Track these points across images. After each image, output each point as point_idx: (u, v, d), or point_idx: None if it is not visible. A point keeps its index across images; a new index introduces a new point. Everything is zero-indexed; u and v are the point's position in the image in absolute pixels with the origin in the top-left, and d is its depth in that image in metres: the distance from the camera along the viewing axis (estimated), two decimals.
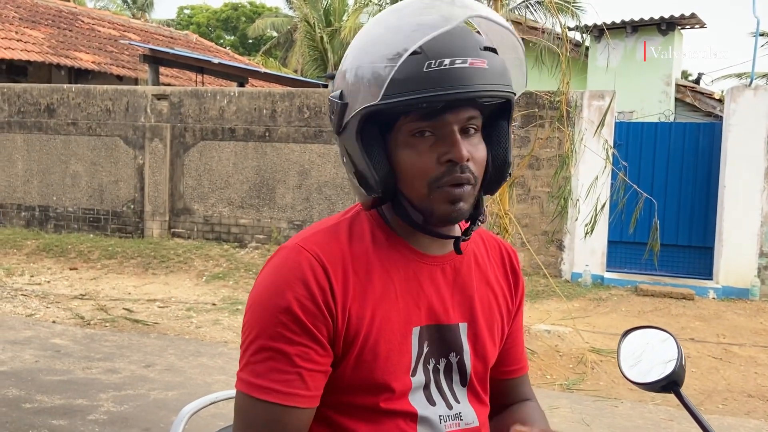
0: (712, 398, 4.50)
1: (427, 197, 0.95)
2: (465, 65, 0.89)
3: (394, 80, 0.88)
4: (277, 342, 0.93)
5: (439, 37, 0.88)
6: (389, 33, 0.92)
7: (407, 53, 0.87)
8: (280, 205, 8.70)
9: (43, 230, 9.45)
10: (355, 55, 0.95)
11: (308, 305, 0.93)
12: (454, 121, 0.93)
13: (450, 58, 0.88)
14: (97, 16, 16.02)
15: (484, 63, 0.90)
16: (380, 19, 0.96)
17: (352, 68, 0.95)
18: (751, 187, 7.28)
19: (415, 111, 0.92)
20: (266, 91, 8.88)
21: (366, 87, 0.91)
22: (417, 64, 0.88)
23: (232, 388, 1.06)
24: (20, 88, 9.65)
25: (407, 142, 0.94)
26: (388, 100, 0.89)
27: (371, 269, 0.98)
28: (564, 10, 10.55)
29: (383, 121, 0.94)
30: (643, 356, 1.20)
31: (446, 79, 0.88)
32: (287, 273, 0.95)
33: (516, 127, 7.61)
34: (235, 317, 6.20)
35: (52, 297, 6.75)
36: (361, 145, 0.94)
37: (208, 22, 32.65)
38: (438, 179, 0.94)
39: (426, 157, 0.94)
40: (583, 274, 7.61)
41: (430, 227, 0.99)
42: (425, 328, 1.02)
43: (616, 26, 9.64)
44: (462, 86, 0.89)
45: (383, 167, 0.95)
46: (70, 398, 4.02)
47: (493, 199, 5.18)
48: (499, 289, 1.11)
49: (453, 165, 0.93)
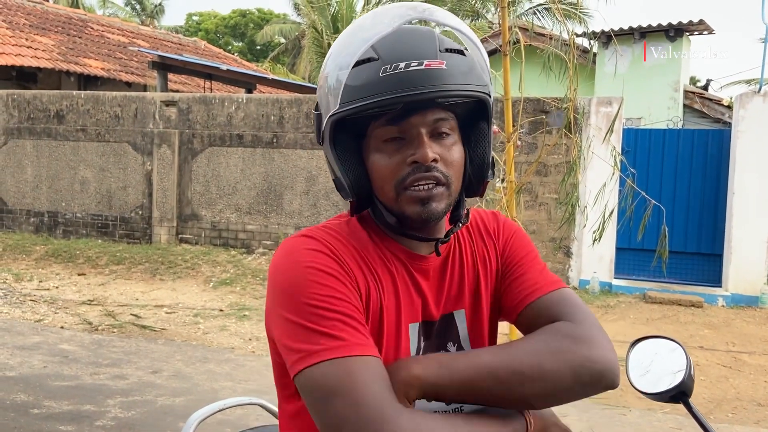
0: (721, 407, 4.46)
1: (396, 200, 0.97)
2: (420, 67, 0.90)
3: (352, 87, 0.91)
4: (316, 300, 0.90)
5: (396, 42, 0.92)
6: (348, 41, 0.95)
7: (355, 58, 0.91)
8: (287, 211, 8.72)
9: (51, 236, 9.50)
10: (325, 66, 0.98)
11: (330, 263, 0.94)
12: (420, 124, 0.94)
13: (405, 61, 0.90)
14: (107, 23, 16.14)
15: (442, 64, 0.91)
16: (347, 29, 1.00)
17: (322, 79, 0.98)
18: (761, 194, 7.23)
19: (382, 116, 0.94)
20: (274, 98, 8.91)
21: (330, 96, 0.95)
22: (374, 70, 0.91)
23: (239, 395, 1.04)
24: (30, 95, 9.73)
25: (378, 147, 0.97)
26: (346, 107, 0.92)
27: (371, 265, 0.99)
28: (571, 16, 10.54)
29: (357, 128, 0.97)
30: (651, 366, 1.19)
31: (401, 82, 0.90)
32: (297, 250, 0.96)
33: (523, 134, 7.60)
34: (242, 323, 6.21)
35: (60, 302, 6.78)
36: (334, 152, 0.97)
37: (216, 29, 32.84)
38: (403, 180, 0.95)
39: (393, 159, 0.96)
40: (591, 281, 7.58)
41: (405, 230, 1.01)
42: (421, 324, 1.03)
43: (623, 33, 9.63)
44: (417, 88, 0.90)
45: (355, 173, 0.97)
46: (78, 404, 4.03)
47: (501, 206, 5.17)
48: (486, 267, 1.10)
49: (418, 165, 0.95)
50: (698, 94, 9.91)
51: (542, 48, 5.26)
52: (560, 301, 1.02)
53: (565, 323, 0.98)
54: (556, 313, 1.00)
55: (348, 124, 0.96)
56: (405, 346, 1.00)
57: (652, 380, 1.17)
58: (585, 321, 0.99)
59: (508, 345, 0.96)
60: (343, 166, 0.98)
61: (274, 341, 0.97)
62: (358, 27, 0.97)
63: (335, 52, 0.97)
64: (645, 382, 1.18)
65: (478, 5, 19.33)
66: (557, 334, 0.96)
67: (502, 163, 5.49)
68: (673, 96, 9.60)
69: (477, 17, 20.00)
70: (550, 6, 10.45)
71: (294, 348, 0.90)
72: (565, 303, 1.02)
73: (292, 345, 0.90)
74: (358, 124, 0.97)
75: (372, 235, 1.03)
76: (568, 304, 1.02)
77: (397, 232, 1.02)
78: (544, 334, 0.97)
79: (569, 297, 1.04)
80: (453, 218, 1.04)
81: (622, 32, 9.61)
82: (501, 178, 6.04)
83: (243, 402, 1.59)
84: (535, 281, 1.06)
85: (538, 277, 1.07)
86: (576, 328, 0.97)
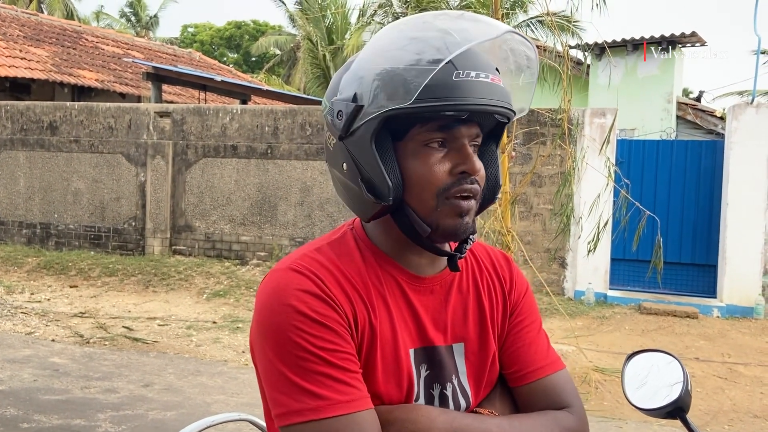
0: (717, 419, 4.43)
1: (435, 209, 0.94)
2: (487, 80, 0.91)
3: (427, 85, 0.89)
4: (302, 351, 0.89)
5: (466, 51, 0.90)
6: (418, 40, 0.91)
7: (448, 59, 0.88)
8: (282, 222, 8.69)
9: (44, 247, 9.44)
10: (375, 60, 0.93)
11: (318, 306, 0.91)
12: (466, 135, 0.95)
13: (476, 71, 0.90)
14: (101, 35, 16.15)
15: (500, 81, 0.93)
16: (403, 27, 0.96)
17: (372, 72, 0.92)
18: (754, 204, 7.25)
19: (432, 121, 0.92)
20: (268, 109, 8.91)
21: (392, 90, 0.90)
22: (446, 73, 0.89)
23: (232, 409, 1.03)
24: (23, 106, 9.70)
25: (418, 152, 0.94)
26: (419, 104, 0.89)
27: (365, 287, 0.97)
28: (565, 28, 10.59)
29: (394, 128, 0.94)
30: (648, 381, 1.17)
31: (473, 90, 0.90)
32: (284, 288, 0.92)
33: (518, 145, 7.61)
34: (236, 335, 6.16)
35: (51, 315, 6.72)
36: (375, 149, 0.93)
37: (211, 41, 32.93)
38: (447, 189, 0.93)
39: (437, 167, 0.94)
40: (586, 291, 7.57)
41: (430, 242, 0.98)
42: (420, 350, 1.00)
43: (617, 44, 9.68)
44: (487, 99, 0.91)
45: (397, 174, 0.94)
46: (68, 418, 3.97)
47: (495, 216, 5.16)
48: (492, 302, 1.08)
49: (465, 176, 0.94)
50: (691, 105, 9.95)
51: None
52: (563, 387, 1.07)
53: (567, 415, 1.04)
54: (557, 400, 1.06)
55: (388, 123, 0.92)
56: (407, 371, 0.97)
57: (649, 395, 1.15)
58: (581, 414, 1.06)
59: (515, 420, 1.00)
60: (387, 165, 0.93)
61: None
62: (417, 26, 0.94)
63: (394, 46, 0.92)
64: (641, 396, 1.16)
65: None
66: (560, 424, 1.02)
67: None
68: (666, 107, 9.63)
69: None
70: (544, 18, 10.50)
71: (277, 400, 0.89)
72: (565, 390, 1.08)
73: (275, 395, 0.90)
74: (399, 125, 0.94)
75: (366, 255, 1.00)
76: (568, 393, 1.08)
77: (421, 243, 0.98)
78: (548, 421, 1.02)
79: (568, 382, 1.09)
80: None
81: (616, 44, 9.66)
82: None
83: (232, 418, 1.55)
84: (545, 357, 1.09)
85: (545, 353, 1.10)
86: (574, 422, 1.04)
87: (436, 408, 0.97)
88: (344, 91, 0.95)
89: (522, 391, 1.06)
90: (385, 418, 0.92)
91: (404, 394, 0.97)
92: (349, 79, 0.96)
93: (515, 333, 1.09)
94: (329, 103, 0.98)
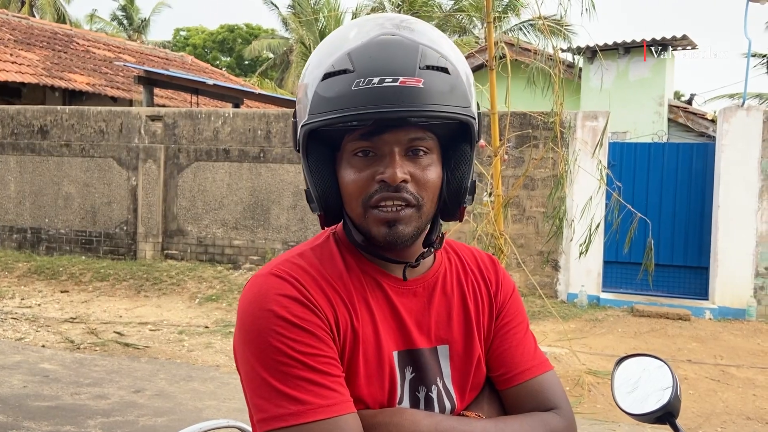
0: (710, 421, 4.44)
1: (363, 217, 0.94)
2: (395, 84, 0.86)
3: (324, 98, 0.89)
4: (283, 356, 0.88)
5: (374, 55, 0.88)
6: (327, 51, 0.93)
7: (325, 70, 0.89)
8: (274, 226, 8.66)
9: (35, 252, 9.37)
10: (303, 74, 0.97)
11: (299, 310, 0.90)
12: (393, 142, 0.91)
13: (380, 76, 0.86)
14: (93, 38, 16.09)
15: (419, 82, 0.87)
16: (328, 38, 0.97)
17: (299, 87, 0.97)
18: (746, 207, 7.28)
19: (356, 130, 0.91)
20: (261, 112, 8.89)
21: (303, 105, 0.93)
22: (346, 83, 0.87)
23: (224, 415, 1.01)
24: (14, 110, 9.64)
25: (349, 161, 0.94)
26: (315, 118, 0.90)
27: (347, 291, 0.96)
28: (556, 32, 10.63)
29: (332, 140, 0.95)
30: (637, 385, 1.16)
31: (373, 97, 0.86)
32: (265, 294, 0.92)
33: (510, 148, 7.62)
34: (228, 340, 6.13)
35: (42, 320, 6.67)
36: (306, 162, 0.95)
37: (204, 44, 32.87)
38: (370, 198, 0.92)
39: (362, 175, 0.93)
40: (578, 294, 7.58)
41: (376, 250, 0.98)
42: (404, 352, 0.99)
43: (608, 48, 9.72)
44: (387, 105, 0.86)
45: (325, 185, 0.95)
46: (58, 425, 3.94)
47: (488, 220, 5.16)
48: (478, 304, 1.07)
49: (386, 185, 0.91)
50: (682, 108, 10.00)
51: (528, 63, 5.28)
52: (550, 388, 1.06)
53: (554, 416, 1.03)
54: (544, 401, 1.05)
55: (323, 135, 0.93)
56: (390, 374, 0.97)
57: (638, 400, 1.14)
58: (568, 415, 1.05)
59: (501, 422, 0.98)
60: (314, 177, 0.95)
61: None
62: (339, 36, 0.94)
63: (314, 60, 0.95)
64: (630, 401, 1.15)
65: (465, 21, 19.48)
66: (547, 426, 1.01)
67: (490, 177, 5.48)
68: (657, 110, 9.67)
69: (464, 33, 20.16)
70: (535, 22, 10.53)
71: (258, 405, 0.89)
72: (553, 391, 1.06)
73: (256, 400, 0.89)
74: (333, 136, 0.94)
75: (348, 259, 1.00)
76: (556, 394, 1.06)
77: (367, 252, 0.99)
78: (536, 423, 1.01)
79: (556, 384, 1.08)
80: (426, 242, 1.00)
81: (607, 47, 9.70)
82: (488, 192, 6.04)
83: (220, 425, 1.54)
84: (532, 358, 1.08)
85: (533, 354, 1.08)
86: (561, 423, 1.03)
87: (421, 411, 0.96)
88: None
89: (509, 394, 1.05)
90: (368, 423, 0.91)
91: (386, 397, 0.96)
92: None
93: (502, 335, 1.08)
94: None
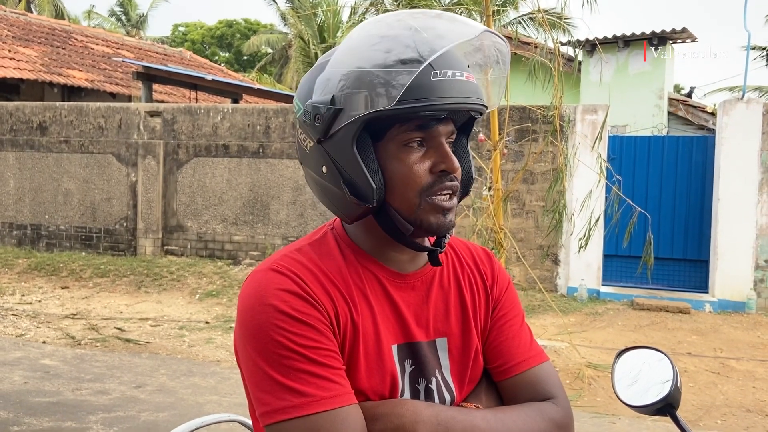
0: (710, 413, 4.45)
1: (417, 207, 0.95)
2: (462, 78, 0.92)
3: (406, 87, 0.89)
4: (284, 349, 0.89)
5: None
6: (391, 39, 0.91)
7: (429, 60, 0.88)
8: (274, 221, 8.66)
9: (35, 249, 9.38)
10: (350, 61, 0.92)
11: (299, 304, 0.91)
12: (444, 133, 0.96)
13: (452, 70, 0.91)
14: (91, 34, 16.05)
15: (473, 78, 0.94)
16: (377, 26, 0.94)
17: (348, 73, 0.91)
18: (746, 199, 7.28)
19: (410, 120, 0.93)
20: (260, 107, 8.87)
21: (371, 92, 0.89)
22: (424, 74, 0.89)
23: (225, 410, 1.02)
24: (12, 106, 9.63)
25: (398, 152, 0.95)
26: (401, 105, 0.89)
27: (346, 285, 0.97)
28: (556, 25, 10.61)
29: (373, 129, 0.94)
30: (638, 377, 1.16)
31: (450, 89, 0.90)
32: (265, 288, 0.93)
33: (510, 142, 7.61)
34: (228, 335, 6.14)
35: (43, 316, 6.68)
36: (357, 152, 0.92)
37: (202, 40, 32.78)
38: (429, 188, 0.95)
39: (418, 166, 0.94)
40: (579, 288, 7.58)
41: (411, 239, 0.99)
42: (404, 346, 1.01)
43: (608, 41, 9.70)
44: (464, 97, 0.92)
45: (379, 175, 0.94)
46: (59, 420, 3.95)
47: (488, 214, 5.15)
48: (474, 297, 1.09)
49: (445, 174, 0.95)
50: (682, 101, 9.99)
51: (528, 57, 5.27)
52: (546, 378, 1.08)
53: (551, 406, 1.05)
54: (541, 391, 1.06)
55: (367, 125, 0.92)
56: (391, 367, 0.98)
57: (639, 392, 1.15)
58: (565, 404, 1.07)
59: (500, 412, 1.00)
60: (370, 166, 0.94)
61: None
62: (401, 26, 0.92)
63: (369, 47, 0.91)
64: (631, 393, 1.16)
65: (464, 14, 19.45)
66: (544, 415, 1.03)
67: (489, 171, 5.48)
68: (657, 103, 9.66)
69: None
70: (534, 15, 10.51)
71: (261, 399, 0.90)
72: (549, 381, 1.08)
73: (259, 394, 0.90)
74: (378, 126, 0.93)
75: (347, 254, 1.01)
76: (552, 384, 1.08)
77: (403, 241, 0.99)
78: (533, 412, 1.02)
79: (552, 374, 1.10)
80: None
81: (607, 41, 9.68)
82: (488, 186, 6.03)
83: (221, 419, 1.55)
84: (528, 350, 1.09)
85: (529, 346, 1.10)
86: (558, 413, 1.04)
87: (422, 402, 0.97)
88: (320, 93, 0.94)
89: (506, 385, 1.07)
90: (370, 413, 0.92)
91: (388, 390, 0.97)
92: (324, 81, 0.94)
93: (498, 327, 1.10)
94: (302, 105, 0.97)
